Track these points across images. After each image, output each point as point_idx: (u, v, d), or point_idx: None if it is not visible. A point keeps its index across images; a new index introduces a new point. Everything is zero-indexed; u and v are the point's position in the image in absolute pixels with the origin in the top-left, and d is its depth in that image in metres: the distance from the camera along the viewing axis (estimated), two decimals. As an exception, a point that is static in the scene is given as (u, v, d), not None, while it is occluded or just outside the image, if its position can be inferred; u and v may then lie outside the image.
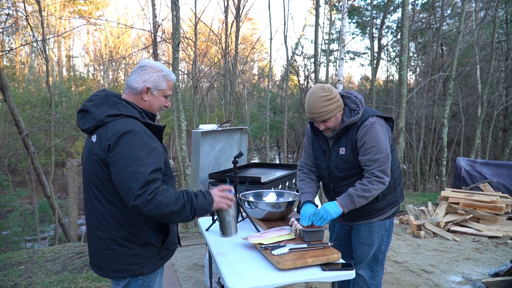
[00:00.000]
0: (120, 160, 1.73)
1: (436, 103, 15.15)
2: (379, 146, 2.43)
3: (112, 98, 1.91)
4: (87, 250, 5.19)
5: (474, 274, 4.18)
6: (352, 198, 2.45)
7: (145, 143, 1.79)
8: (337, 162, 2.59)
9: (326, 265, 2.11)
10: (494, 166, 6.76)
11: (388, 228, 2.73)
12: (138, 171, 1.72)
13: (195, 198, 1.89)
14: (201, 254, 4.83)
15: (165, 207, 1.75)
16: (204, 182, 4.27)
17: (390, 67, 22.89)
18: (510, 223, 5.79)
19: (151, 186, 1.72)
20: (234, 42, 13.06)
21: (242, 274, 2.01)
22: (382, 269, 2.85)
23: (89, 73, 33.05)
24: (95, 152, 1.83)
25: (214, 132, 4.51)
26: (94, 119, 1.86)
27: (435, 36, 14.57)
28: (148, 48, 12.61)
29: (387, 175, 2.45)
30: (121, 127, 1.78)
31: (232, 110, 12.65)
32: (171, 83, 2.05)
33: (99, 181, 1.85)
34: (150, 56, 27.80)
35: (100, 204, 1.87)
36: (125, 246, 1.88)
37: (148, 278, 2.00)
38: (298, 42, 24.13)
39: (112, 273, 1.91)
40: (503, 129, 18.31)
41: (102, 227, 1.88)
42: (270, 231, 2.53)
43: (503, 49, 15.90)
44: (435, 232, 5.60)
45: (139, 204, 1.69)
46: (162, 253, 2.02)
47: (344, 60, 11.85)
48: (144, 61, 2.04)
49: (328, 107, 2.44)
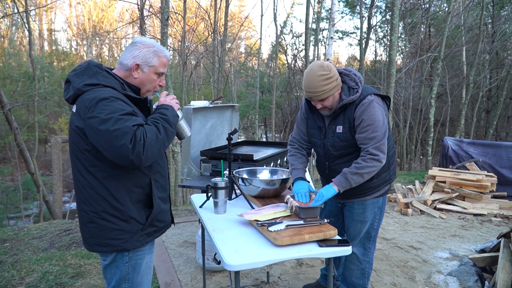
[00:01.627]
0: (101, 124, 1.69)
1: (424, 84, 15.25)
2: (376, 124, 2.42)
3: (94, 68, 1.87)
4: (74, 227, 5.14)
5: (460, 250, 4.28)
6: (346, 176, 2.46)
7: (123, 107, 1.76)
8: (334, 140, 2.58)
9: (323, 241, 2.11)
10: (480, 145, 6.87)
11: (381, 206, 2.75)
12: (124, 126, 1.69)
13: (162, 115, 1.90)
14: (191, 231, 4.83)
15: (156, 141, 1.76)
16: (196, 159, 4.22)
17: (378, 47, 22.86)
18: (495, 201, 5.93)
19: (137, 133, 1.71)
20: (223, 18, 12.82)
21: (238, 250, 2.00)
22: (374, 246, 2.89)
23: (72, 48, 32.21)
24: (74, 123, 1.80)
25: (205, 109, 4.44)
26: (73, 88, 1.83)
27: (424, 17, 14.54)
28: (134, 22, 12.26)
29: (382, 152, 2.44)
30: (97, 93, 1.75)
31: (220, 88, 12.52)
32: (163, 60, 1.98)
33: (80, 152, 1.83)
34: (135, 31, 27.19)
35: (82, 176, 1.85)
36: (107, 220, 1.85)
37: (134, 254, 1.97)
38: (286, 20, 23.87)
39: (96, 247, 1.89)
40: (486, 110, 18.59)
41: (84, 199, 1.87)
42: (265, 208, 2.52)
43: (489, 31, 15.98)
44: (422, 210, 5.70)
45: (139, 151, 1.68)
46: (147, 230, 1.98)
47: (333, 39, 11.80)
48: (137, 38, 1.99)
49: (326, 86, 2.40)
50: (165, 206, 2.09)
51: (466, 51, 15.75)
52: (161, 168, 2.06)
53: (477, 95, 15.71)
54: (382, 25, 19.07)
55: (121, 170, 1.83)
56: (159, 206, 2.01)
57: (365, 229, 2.74)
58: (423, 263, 3.96)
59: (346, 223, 2.83)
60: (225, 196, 2.58)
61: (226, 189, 2.57)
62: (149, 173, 1.95)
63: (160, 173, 2.04)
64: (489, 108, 18.79)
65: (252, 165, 3.76)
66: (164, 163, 2.11)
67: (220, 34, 12.82)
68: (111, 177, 1.83)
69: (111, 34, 20.68)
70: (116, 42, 29.01)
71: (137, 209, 1.92)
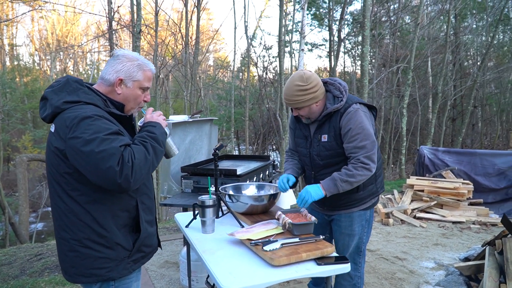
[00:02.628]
0: (85, 145, 1.55)
1: (394, 94, 15.61)
2: (365, 132, 2.39)
3: (73, 83, 1.73)
4: (46, 251, 4.84)
5: (445, 259, 4.29)
6: (335, 182, 2.41)
7: (108, 124, 1.63)
8: (319, 149, 2.55)
9: (320, 259, 2.03)
10: (455, 154, 7.02)
11: (368, 219, 2.70)
12: (110, 147, 1.56)
13: (150, 133, 1.77)
14: (171, 250, 4.64)
15: (145, 162, 1.64)
16: (176, 175, 4.07)
17: (347, 59, 23.34)
18: (472, 208, 6.03)
19: (124, 154, 1.58)
20: (194, 30, 12.73)
21: (233, 273, 1.89)
22: (364, 260, 2.83)
23: (35, 63, 31.21)
24: (54, 144, 1.65)
25: (184, 124, 4.31)
26: (51, 106, 1.68)
27: (392, 29, 14.94)
28: (99, 37, 11.97)
29: (373, 162, 2.41)
30: (79, 112, 1.60)
31: (193, 101, 12.36)
32: (148, 74, 1.86)
33: (59, 175, 1.67)
34: (101, 45, 26.67)
35: (62, 201, 1.69)
36: (90, 248, 1.70)
37: (121, 283, 1.82)
38: (255, 33, 24.04)
39: (78, 277, 1.73)
40: (452, 118, 19.21)
41: (64, 226, 1.71)
42: (256, 226, 2.41)
43: (452, 42, 16.60)
44: (403, 219, 5.72)
45: (127, 174, 1.55)
46: (134, 256, 1.83)
47: (303, 51, 11.93)
48: (118, 51, 1.86)
49: (300, 97, 2.40)
50: (152, 229, 1.95)
51: (431, 61, 16.28)
52: (148, 189, 1.93)
53: (443, 104, 16.21)
54: (349, 37, 19.48)
55: (105, 194, 1.69)
56: (146, 230, 1.87)
57: (354, 243, 2.68)
58: (410, 274, 3.93)
59: (335, 237, 2.76)
60: (213, 214, 2.46)
61: (214, 207, 2.45)
62: (136, 195, 1.82)
63: (147, 195, 1.92)
64: (454, 117, 19.44)
65: (235, 180, 3.65)
66: (150, 184, 1.98)
67: (192, 47, 12.72)
68: (95, 202, 1.69)
69: (76, 48, 20.17)
70: (81, 56, 28.37)
71: (123, 234, 1.78)
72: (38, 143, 20.34)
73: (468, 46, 17.91)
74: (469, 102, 14.87)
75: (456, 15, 16.27)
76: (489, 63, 17.62)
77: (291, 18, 16.28)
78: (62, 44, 28.93)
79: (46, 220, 16.06)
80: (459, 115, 19.67)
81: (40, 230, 15.28)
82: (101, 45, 27.27)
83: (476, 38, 17.92)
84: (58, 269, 4.16)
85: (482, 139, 19.15)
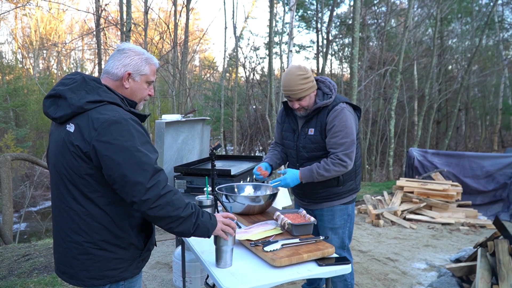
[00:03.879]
0: (117, 153, 1.52)
1: (382, 97, 15.76)
2: (347, 131, 2.56)
3: (91, 82, 1.68)
4: (33, 252, 4.72)
5: (436, 261, 4.32)
6: (312, 172, 2.57)
7: (139, 132, 1.60)
8: (305, 142, 2.69)
9: (321, 259, 2.02)
10: (444, 156, 7.10)
11: (350, 213, 2.83)
12: (143, 162, 1.54)
13: (201, 214, 1.73)
14: (162, 251, 4.57)
15: (175, 209, 1.59)
16: (168, 175, 4.01)
17: (334, 61, 23.48)
18: (460, 210, 6.10)
19: (160, 180, 1.56)
20: (184, 30, 12.63)
21: (235, 274, 1.86)
22: (350, 256, 2.92)
23: (18, 61, 30.56)
24: (75, 144, 1.58)
25: (177, 123, 4.25)
26: (71, 106, 1.61)
27: (380, 32, 15.07)
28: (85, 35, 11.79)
29: (350, 159, 2.58)
30: (109, 115, 1.57)
31: (182, 101, 12.26)
32: (153, 68, 1.85)
33: (78, 177, 1.61)
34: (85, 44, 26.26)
35: (77, 203, 1.63)
36: (106, 250, 1.66)
37: (130, 283, 1.79)
38: (241, 34, 24.02)
39: (89, 281, 1.68)
40: (437, 121, 19.49)
41: (78, 229, 1.64)
42: (255, 226, 2.39)
43: (438, 46, 16.84)
44: (393, 221, 5.75)
45: (151, 197, 1.53)
46: (144, 255, 1.82)
47: (292, 52, 11.94)
48: (123, 45, 1.83)
49: (304, 85, 2.54)
50: (153, 227, 1.95)
51: (417, 65, 16.48)
52: None
53: (429, 107, 16.42)
54: (336, 39, 19.61)
55: None
56: (153, 229, 1.89)
57: (338, 238, 2.78)
58: (403, 275, 3.95)
59: (320, 233, 2.84)
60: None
61: (212, 207, 2.41)
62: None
63: None
64: (439, 120, 19.72)
65: (229, 181, 3.61)
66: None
67: (181, 47, 12.61)
68: (114, 203, 1.66)
69: (60, 46, 19.80)
70: (65, 54, 27.90)
71: (135, 234, 1.75)
72: (20, 142, 19.92)
73: (453, 50, 18.19)
74: (455, 105, 15.10)
75: (441, 19, 16.50)
76: (474, 67, 17.93)
77: (279, 20, 16.32)
78: (46, 42, 28.44)
79: (29, 221, 15.75)
80: (444, 118, 19.97)
81: (24, 230, 14.97)
82: (86, 43, 26.89)
83: (462, 42, 18.22)
84: (47, 270, 4.06)
85: (466, 142, 19.47)
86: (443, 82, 17.64)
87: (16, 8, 23.56)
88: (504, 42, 18.66)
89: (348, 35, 17.31)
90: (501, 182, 6.48)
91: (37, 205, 17.48)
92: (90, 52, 27.81)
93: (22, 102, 21.49)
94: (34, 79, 23.76)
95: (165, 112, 18.63)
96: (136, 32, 11.67)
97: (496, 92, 19.33)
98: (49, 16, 27.31)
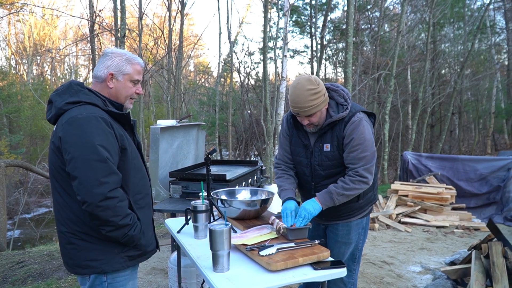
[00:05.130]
0: (73, 147, 1.67)
1: (376, 101, 15.85)
2: (366, 144, 2.33)
3: (75, 86, 1.85)
4: (28, 259, 4.70)
5: (431, 263, 4.35)
6: (331, 195, 2.34)
7: (102, 131, 1.71)
8: (321, 159, 2.44)
9: (317, 263, 2.02)
10: (438, 159, 7.16)
11: (365, 226, 2.66)
12: (96, 160, 1.67)
13: (134, 228, 1.84)
14: (158, 257, 4.56)
15: (114, 215, 1.71)
16: (163, 180, 4.01)
17: (328, 65, 23.58)
18: (455, 213, 6.14)
19: (110, 182, 1.68)
20: (178, 36, 12.65)
21: (231, 278, 1.87)
22: (358, 267, 2.79)
23: (11, 67, 30.43)
24: (52, 141, 1.77)
25: (172, 128, 4.26)
26: (55, 108, 1.79)
27: (373, 37, 15.20)
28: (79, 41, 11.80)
29: (371, 174, 2.36)
30: (77, 113, 1.73)
31: (177, 106, 12.26)
32: (137, 67, 1.95)
33: (57, 172, 1.78)
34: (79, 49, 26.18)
35: (60, 196, 1.80)
36: (85, 240, 1.80)
37: (114, 280, 1.86)
38: (235, 40, 24.09)
39: (76, 268, 1.83)
40: (430, 125, 19.61)
41: (62, 220, 1.81)
42: (250, 231, 2.39)
43: (431, 50, 16.98)
44: (388, 224, 5.78)
45: (96, 197, 1.64)
46: (129, 252, 1.88)
47: (286, 57, 12.00)
48: (107, 49, 1.97)
49: (315, 101, 2.27)
50: (149, 230, 2.01)
51: (411, 69, 16.61)
52: (143, 189, 1.98)
53: (423, 111, 16.54)
54: (330, 44, 19.71)
55: None
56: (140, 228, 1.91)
57: (350, 251, 2.64)
58: (398, 279, 3.97)
59: (329, 244, 2.68)
60: (206, 219, 2.42)
61: (207, 212, 2.42)
62: (128, 195, 1.86)
63: (142, 193, 1.97)
64: (433, 123, 19.84)
65: (225, 185, 3.62)
66: (146, 183, 2.02)
67: (176, 52, 12.63)
68: None
69: (54, 52, 19.76)
70: (59, 60, 27.82)
71: None
72: (14, 149, 19.80)
73: (446, 54, 18.35)
74: (449, 109, 15.21)
75: (434, 24, 16.66)
76: (466, 71, 18.09)
77: (273, 25, 16.39)
78: (40, 48, 28.38)
79: (23, 227, 15.63)
80: (437, 122, 20.10)
81: (17, 237, 14.84)
82: (80, 49, 26.82)
83: (454, 46, 18.40)
84: (41, 276, 4.04)
85: (460, 145, 19.60)
86: (437, 86, 17.78)
87: (9, 14, 23.49)
88: (496, 46, 18.88)
89: (342, 40, 17.43)
90: (495, 185, 6.54)
91: (31, 211, 17.36)
92: (84, 58, 27.76)
93: (16, 108, 21.41)
94: (28, 85, 23.67)
95: (160, 117, 18.59)
96: (131, 38, 11.70)
97: (488, 96, 19.51)
98: (43, 22, 27.28)
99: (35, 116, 21.55)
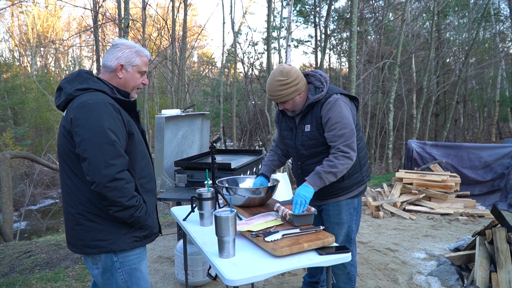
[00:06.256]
0: (83, 130, 1.75)
1: (380, 90, 15.78)
2: (344, 121, 2.47)
3: (84, 74, 1.94)
4: (35, 249, 4.76)
5: (435, 250, 4.36)
6: (320, 175, 2.46)
7: (111, 116, 1.81)
8: (303, 139, 2.65)
9: (321, 249, 2.05)
10: (442, 147, 7.13)
11: (356, 207, 2.78)
12: (105, 142, 1.75)
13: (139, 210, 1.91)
14: (164, 246, 4.61)
15: (121, 196, 1.79)
16: (168, 170, 4.04)
17: (332, 55, 23.42)
18: (459, 200, 6.14)
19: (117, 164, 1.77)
20: (181, 26, 12.61)
21: (237, 264, 1.89)
22: (355, 248, 2.91)
23: (15, 59, 30.45)
24: (63, 125, 1.84)
25: (177, 118, 4.27)
26: (65, 94, 1.88)
27: (378, 26, 15.07)
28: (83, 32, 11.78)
29: (353, 150, 2.49)
30: (87, 98, 1.81)
31: (181, 97, 12.26)
32: (145, 59, 2.06)
33: (66, 155, 1.86)
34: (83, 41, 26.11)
35: (69, 179, 1.87)
36: (93, 221, 1.87)
37: (125, 259, 1.94)
38: (239, 30, 23.95)
39: (84, 249, 1.89)
40: (435, 114, 19.50)
41: (71, 202, 1.88)
42: (256, 218, 2.42)
43: (436, 39, 16.83)
44: (392, 212, 5.80)
45: (104, 177, 1.72)
46: (136, 233, 1.96)
47: (290, 47, 11.94)
48: (117, 40, 2.06)
49: (283, 91, 2.49)
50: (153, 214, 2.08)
51: (415, 58, 16.48)
52: (149, 173, 2.06)
53: (427, 100, 16.45)
54: (335, 34, 19.56)
55: None
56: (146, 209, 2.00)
57: (344, 232, 2.74)
58: (403, 265, 3.99)
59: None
60: (211, 207, 2.45)
61: (212, 200, 2.45)
62: (134, 178, 1.94)
63: (147, 178, 2.04)
64: (437, 112, 19.74)
65: (229, 174, 3.64)
66: (150, 168, 2.10)
67: (179, 43, 12.59)
68: None
69: (57, 43, 19.76)
70: (62, 52, 27.80)
71: None
72: (19, 141, 19.91)
73: (450, 43, 18.19)
74: (453, 97, 15.12)
75: (438, 12, 16.49)
76: (471, 60, 17.94)
77: (277, 15, 16.27)
78: (43, 39, 28.36)
79: (29, 219, 15.78)
80: (442, 111, 19.99)
81: (24, 229, 14.99)
82: (84, 40, 26.77)
83: (459, 35, 18.22)
84: (48, 266, 4.09)
85: (464, 134, 19.51)
86: (441, 74, 17.65)
87: (12, 5, 23.48)
88: (501, 34, 18.66)
89: (346, 29, 17.28)
90: (499, 172, 6.53)
91: (37, 203, 17.50)
92: (88, 49, 27.78)
93: (20, 100, 21.48)
94: (32, 77, 23.72)
95: (164, 108, 18.59)
96: (134, 28, 11.67)
97: (493, 84, 19.37)
98: (46, 13, 27.27)
99: (40, 108, 21.63)
